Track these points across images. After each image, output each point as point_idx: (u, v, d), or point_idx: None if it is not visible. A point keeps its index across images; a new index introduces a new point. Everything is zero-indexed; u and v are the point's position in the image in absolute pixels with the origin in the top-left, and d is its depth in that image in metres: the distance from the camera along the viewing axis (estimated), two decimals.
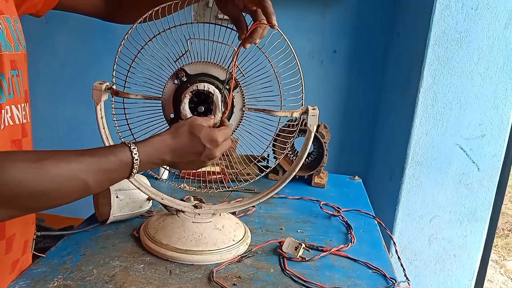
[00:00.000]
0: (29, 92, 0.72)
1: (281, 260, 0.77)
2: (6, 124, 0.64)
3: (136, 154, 0.61)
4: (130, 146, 0.61)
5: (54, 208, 0.58)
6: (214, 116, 0.72)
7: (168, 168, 1.09)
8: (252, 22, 0.69)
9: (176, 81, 0.74)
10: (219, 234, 0.78)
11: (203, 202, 0.82)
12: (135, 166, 0.61)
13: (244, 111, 0.75)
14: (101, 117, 0.74)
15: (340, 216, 0.99)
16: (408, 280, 0.77)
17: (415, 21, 1.59)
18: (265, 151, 0.82)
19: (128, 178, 0.63)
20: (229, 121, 0.75)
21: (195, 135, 0.65)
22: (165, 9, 0.71)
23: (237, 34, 0.70)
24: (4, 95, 0.63)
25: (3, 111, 0.63)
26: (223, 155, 0.78)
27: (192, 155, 0.66)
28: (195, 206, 0.80)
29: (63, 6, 0.82)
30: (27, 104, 0.71)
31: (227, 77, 0.72)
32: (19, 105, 0.67)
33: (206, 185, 0.85)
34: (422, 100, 1.45)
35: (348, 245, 0.84)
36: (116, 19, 0.89)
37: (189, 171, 0.69)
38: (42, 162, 0.54)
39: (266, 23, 0.67)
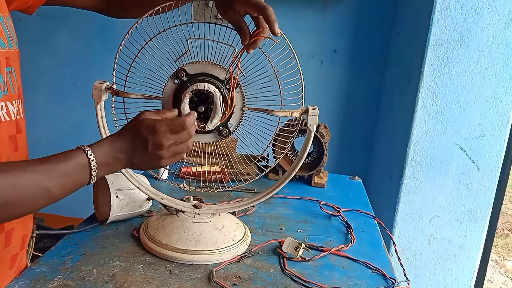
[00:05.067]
0: (21, 88, 0.72)
1: (281, 260, 0.77)
2: (3, 120, 0.65)
3: (91, 155, 0.61)
4: (85, 148, 0.61)
5: (54, 208, 0.59)
6: (214, 115, 0.72)
7: (168, 168, 1.09)
8: (254, 25, 0.69)
9: (176, 81, 0.74)
10: (219, 234, 0.78)
11: (203, 202, 0.82)
12: (93, 168, 0.61)
13: (244, 111, 0.75)
14: (101, 117, 0.74)
15: (340, 216, 0.99)
16: (408, 280, 0.77)
17: (415, 21, 1.59)
18: (265, 151, 0.82)
19: (89, 182, 0.63)
20: (229, 121, 0.75)
21: (137, 128, 0.64)
22: (165, 7, 0.72)
23: (237, 34, 0.70)
24: (0, 91, 0.64)
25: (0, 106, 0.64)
26: (223, 154, 0.78)
27: (140, 148, 0.64)
28: (195, 206, 0.80)
29: (56, 1, 0.82)
30: (20, 100, 0.71)
31: (227, 76, 0.72)
32: (13, 101, 0.68)
33: (206, 185, 0.85)
34: (422, 100, 1.45)
35: (348, 245, 0.84)
36: (114, 15, 0.89)
37: (151, 167, 0.68)
38: (5, 173, 0.55)
39: (267, 35, 0.67)
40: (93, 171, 0.61)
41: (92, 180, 0.63)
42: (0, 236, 0.67)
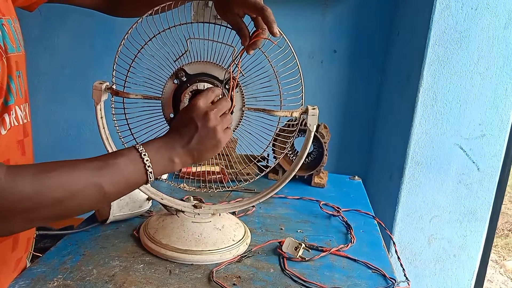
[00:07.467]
0: (28, 91, 0.72)
1: (281, 260, 0.77)
2: (12, 125, 0.65)
3: (142, 150, 0.60)
4: (135, 145, 0.61)
5: None
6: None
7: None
8: (254, 27, 0.69)
9: (175, 81, 0.74)
10: (219, 234, 0.78)
11: (203, 202, 0.82)
12: (146, 162, 0.60)
13: (243, 111, 0.75)
14: (101, 117, 0.74)
15: (340, 216, 0.99)
16: (408, 280, 0.77)
17: (415, 21, 1.59)
18: (265, 150, 0.81)
19: (147, 180, 0.61)
20: None
21: (180, 115, 0.66)
22: (165, 7, 0.72)
23: (237, 35, 0.70)
24: (12, 96, 0.64)
25: (11, 112, 0.64)
26: (222, 155, 0.78)
27: (191, 133, 0.64)
28: (195, 206, 0.80)
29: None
30: (27, 104, 0.71)
31: (226, 77, 0.72)
32: (21, 106, 0.68)
33: (206, 185, 0.85)
34: (422, 100, 1.45)
35: (348, 245, 0.84)
36: (114, 13, 0.89)
37: (210, 148, 0.66)
38: (53, 171, 0.54)
39: (267, 36, 0.67)
40: (148, 167, 0.60)
41: (150, 178, 0.60)
42: (8, 241, 0.67)
